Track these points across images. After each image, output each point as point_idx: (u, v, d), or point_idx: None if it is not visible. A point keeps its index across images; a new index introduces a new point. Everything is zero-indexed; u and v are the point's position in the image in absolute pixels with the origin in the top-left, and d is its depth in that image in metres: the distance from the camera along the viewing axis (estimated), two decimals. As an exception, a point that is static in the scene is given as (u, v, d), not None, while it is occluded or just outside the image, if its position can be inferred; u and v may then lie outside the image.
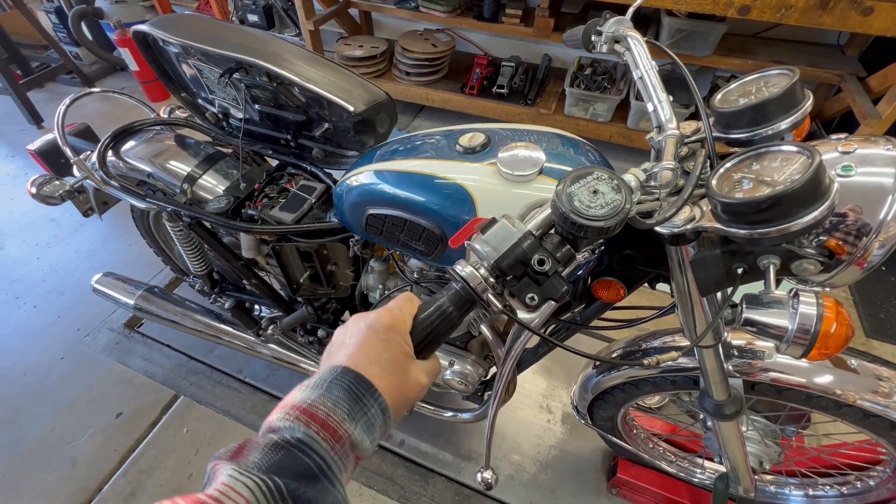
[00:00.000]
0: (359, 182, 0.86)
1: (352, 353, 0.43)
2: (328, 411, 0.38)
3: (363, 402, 0.40)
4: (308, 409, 0.38)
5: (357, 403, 0.40)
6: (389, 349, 0.44)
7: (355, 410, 0.39)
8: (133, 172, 1.17)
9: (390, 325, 0.45)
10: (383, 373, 0.42)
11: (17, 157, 2.63)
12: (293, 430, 0.37)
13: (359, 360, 0.42)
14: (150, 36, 1.08)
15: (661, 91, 0.68)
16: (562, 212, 0.42)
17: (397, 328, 0.45)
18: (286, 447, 0.36)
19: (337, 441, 0.38)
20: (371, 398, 0.40)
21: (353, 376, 0.41)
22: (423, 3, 2.52)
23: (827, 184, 0.46)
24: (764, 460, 1.04)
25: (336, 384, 0.40)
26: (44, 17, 3.25)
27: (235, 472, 0.33)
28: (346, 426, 0.38)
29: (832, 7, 1.54)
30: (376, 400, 0.41)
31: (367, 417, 0.40)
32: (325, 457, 0.36)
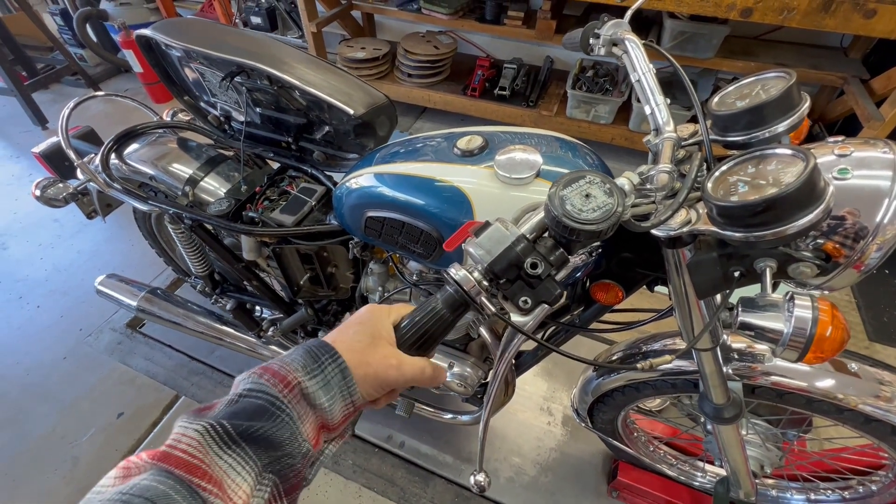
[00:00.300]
0: (358, 185, 0.87)
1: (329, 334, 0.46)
2: (282, 365, 0.40)
3: (320, 359, 0.42)
4: (265, 366, 0.41)
5: (314, 360, 0.41)
6: (361, 326, 0.46)
7: (309, 365, 0.41)
8: (136, 175, 1.17)
9: (369, 310, 0.48)
10: (349, 341, 0.44)
11: (21, 158, 2.65)
12: (247, 382, 0.40)
13: (330, 335, 0.46)
14: (153, 40, 1.08)
15: (658, 94, 0.69)
16: (554, 215, 0.42)
17: (376, 314, 0.48)
18: (240, 397, 0.39)
19: (286, 386, 0.39)
20: (328, 357, 0.42)
21: (317, 342, 0.43)
22: (425, 6, 2.53)
23: (822, 187, 0.46)
24: (765, 464, 1.04)
25: (299, 348, 0.43)
26: (49, 20, 3.28)
27: (186, 421, 0.36)
28: (297, 374, 0.40)
29: (835, 9, 1.54)
30: (333, 358, 0.42)
31: (324, 374, 0.41)
32: (274, 395, 0.38)
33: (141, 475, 0.33)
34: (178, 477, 0.32)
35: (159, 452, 0.34)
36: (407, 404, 1.27)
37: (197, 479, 0.33)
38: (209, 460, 0.34)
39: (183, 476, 0.33)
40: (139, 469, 0.34)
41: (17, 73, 2.81)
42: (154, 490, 0.31)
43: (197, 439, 0.34)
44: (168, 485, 0.32)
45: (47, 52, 3.21)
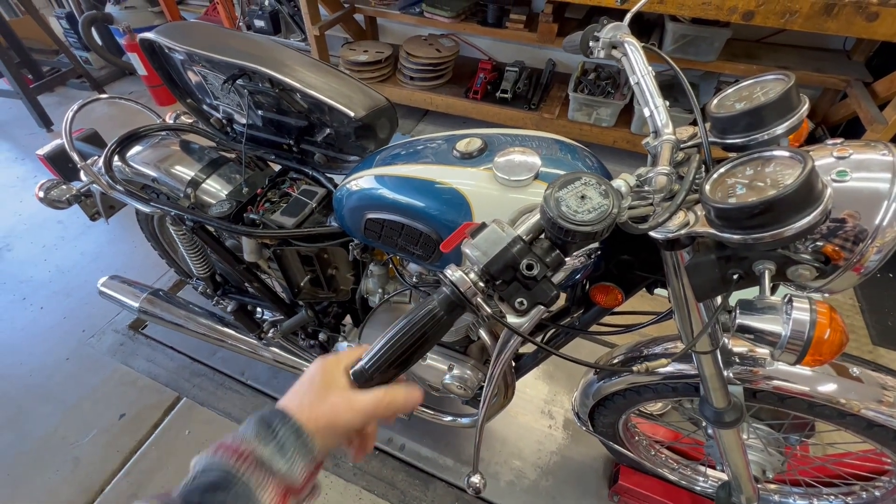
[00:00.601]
0: (358, 186, 0.87)
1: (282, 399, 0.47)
2: (235, 438, 0.41)
3: (271, 425, 0.42)
4: (219, 443, 0.41)
5: (265, 428, 0.42)
6: (310, 384, 0.47)
7: (262, 433, 0.42)
8: (138, 177, 1.18)
9: (316, 367, 0.49)
10: (298, 400, 0.45)
11: (26, 159, 2.68)
12: (202, 461, 0.40)
13: (282, 400, 0.46)
14: (156, 43, 1.09)
15: (657, 96, 0.69)
16: (549, 217, 0.42)
17: (323, 367, 0.48)
18: (195, 477, 0.39)
19: (240, 457, 0.40)
20: (279, 421, 0.43)
21: (268, 409, 0.44)
22: (427, 9, 2.54)
23: (820, 189, 0.46)
24: (767, 469, 1.03)
25: (252, 419, 0.43)
26: (55, 23, 3.31)
27: None
28: (250, 444, 0.41)
29: (837, 12, 1.54)
30: (284, 421, 0.43)
31: (277, 439, 0.42)
32: (228, 467, 0.39)
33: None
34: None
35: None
36: (407, 406, 1.27)
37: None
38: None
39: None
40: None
41: (23, 76, 2.84)
42: None
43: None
44: None
45: (53, 56, 3.24)
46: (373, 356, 0.45)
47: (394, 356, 0.44)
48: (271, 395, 1.59)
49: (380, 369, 0.44)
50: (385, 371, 0.44)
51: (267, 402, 1.58)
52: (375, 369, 0.44)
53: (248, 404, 1.57)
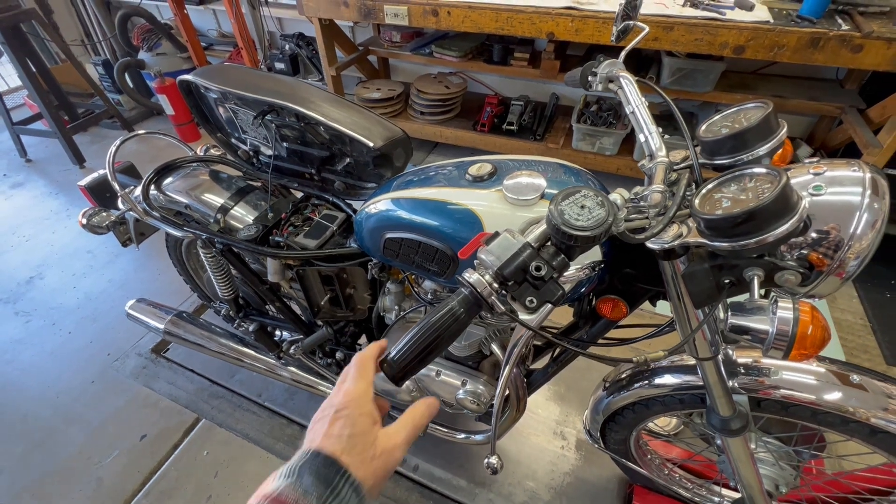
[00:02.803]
0: (377, 209, 0.95)
1: (321, 435, 0.45)
2: (297, 499, 0.39)
3: (334, 484, 0.40)
4: (278, 498, 0.39)
5: (327, 487, 0.40)
6: (352, 423, 0.45)
7: (325, 495, 0.40)
8: (172, 204, 1.28)
9: (350, 401, 0.47)
10: (351, 450, 0.43)
11: (60, 194, 2.83)
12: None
13: (325, 441, 0.44)
14: (193, 84, 1.21)
15: (651, 124, 0.76)
16: (554, 224, 0.48)
17: (357, 402, 0.47)
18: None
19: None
20: (342, 480, 0.41)
21: (321, 459, 0.42)
22: (436, 50, 2.70)
23: (795, 200, 0.52)
24: (780, 484, 1.03)
25: (305, 469, 0.41)
26: (91, 69, 3.57)
27: None
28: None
29: (823, 45, 1.63)
30: (347, 481, 0.41)
31: (339, 500, 0.40)
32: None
33: None
34: None
35: None
36: (421, 424, 1.30)
37: None
38: None
39: None
40: None
41: (61, 117, 3.04)
42: None
43: None
44: None
45: (88, 98, 3.47)
46: (401, 349, 0.50)
47: (418, 349, 0.49)
48: (288, 417, 1.62)
49: (406, 360, 0.49)
50: (410, 363, 0.50)
51: (283, 423, 1.61)
52: (402, 361, 0.49)
53: (265, 425, 1.60)
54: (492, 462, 0.92)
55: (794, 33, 1.66)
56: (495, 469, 0.91)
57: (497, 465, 0.91)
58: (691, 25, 1.79)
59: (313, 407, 1.64)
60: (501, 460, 0.92)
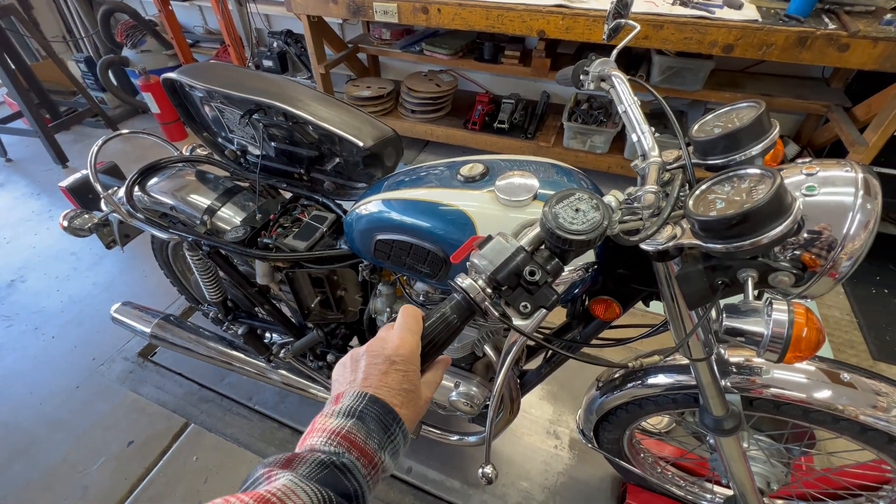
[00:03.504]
0: (368, 210, 0.93)
1: (377, 384, 0.48)
2: (365, 439, 0.44)
3: (391, 431, 0.45)
4: (347, 436, 0.43)
5: (386, 433, 0.45)
6: (408, 380, 0.49)
7: (384, 440, 0.45)
8: (157, 206, 1.25)
9: (407, 356, 0.50)
10: (404, 402, 0.48)
11: (42, 195, 2.76)
12: (339, 454, 0.42)
13: (383, 391, 0.47)
14: (177, 82, 1.18)
15: (643, 123, 0.75)
16: (548, 228, 0.47)
17: (412, 358, 0.50)
18: (332, 467, 0.41)
19: (373, 468, 0.43)
20: (397, 428, 0.46)
21: (381, 406, 0.46)
22: (427, 47, 2.68)
23: (790, 201, 0.52)
24: (771, 481, 1.04)
25: (367, 414, 0.45)
26: (73, 66, 3.48)
27: (295, 478, 0.38)
28: (380, 455, 0.44)
29: (810, 44, 1.64)
30: (401, 429, 0.46)
31: (394, 444, 0.46)
32: (361, 483, 0.42)
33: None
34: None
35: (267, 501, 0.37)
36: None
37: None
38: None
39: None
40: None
41: (42, 115, 2.97)
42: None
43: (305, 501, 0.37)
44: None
45: (70, 96, 3.39)
46: None
47: None
48: (279, 420, 1.60)
49: None
50: None
51: (274, 427, 1.58)
52: None
53: (255, 429, 1.58)
54: (486, 472, 0.91)
55: (782, 32, 1.67)
56: (490, 479, 0.90)
57: (492, 474, 0.90)
58: (681, 24, 1.79)
59: (305, 410, 1.60)
60: (496, 469, 0.90)
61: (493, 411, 0.85)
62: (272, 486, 0.37)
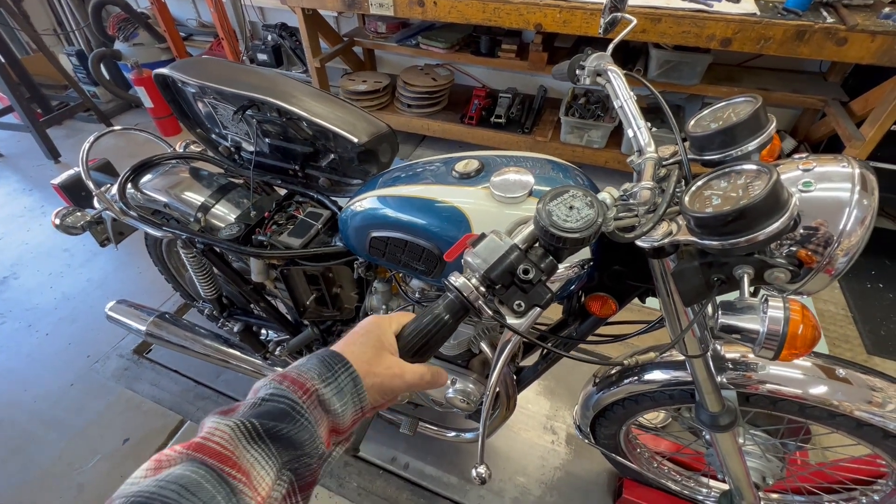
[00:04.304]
0: (363, 207, 0.92)
1: (336, 344, 0.50)
2: (299, 373, 0.44)
3: (333, 368, 0.45)
4: (283, 374, 0.44)
5: (328, 369, 0.45)
6: (366, 337, 0.50)
7: (324, 374, 0.45)
8: (150, 203, 1.23)
9: (373, 322, 0.52)
10: (357, 351, 0.48)
11: (34, 190, 2.74)
12: (268, 387, 0.43)
13: (338, 345, 0.49)
14: (169, 78, 1.16)
15: (639, 118, 0.74)
16: (542, 226, 0.47)
17: (379, 325, 0.51)
18: (262, 401, 0.42)
19: (305, 392, 0.43)
20: (341, 366, 0.46)
21: (329, 351, 0.47)
22: (423, 41, 2.66)
23: (786, 197, 0.51)
24: (766, 475, 1.04)
25: (313, 357, 0.47)
26: (65, 60, 3.44)
27: (216, 418, 0.40)
28: (313, 382, 0.44)
29: (808, 38, 1.64)
30: (346, 368, 0.46)
31: (337, 382, 0.45)
32: (294, 400, 0.42)
33: (173, 466, 0.35)
34: (210, 466, 0.35)
35: (193, 444, 0.37)
36: (411, 422, 1.29)
37: (228, 469, 0.36)
38: (239, 453, 0.37)
39: (215, 465, 0.36)
40: (171, 461, 0.36)
41: (33, 110, 2.93)
42: (187, 478, 0.34)
43: (229, 434, 0.38)
44: (200, 474, 0.35)
45: (62, 90, 3.36)
46: None
47: (404, 356, 0.48)
48: (275, 417, 1.60)
49: None
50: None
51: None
52: None
53: (252, 426, 1.57)
54: (480, 472, 0.91)
55: (781, 26, 1.66)
56: (483, 479, 0.90)
57: (485, 474, 0.90)
58: (679, 17, 1.78)
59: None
60: (489, 469, 0.90)
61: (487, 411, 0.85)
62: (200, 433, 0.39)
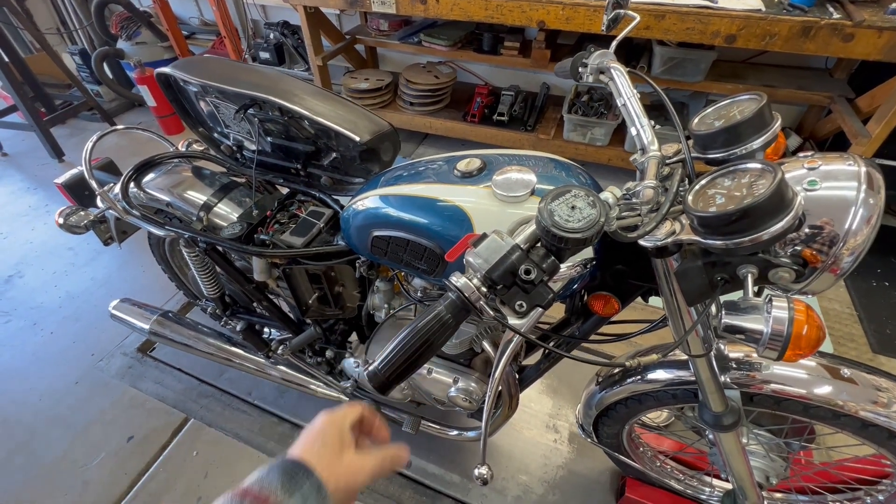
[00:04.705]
0: (364, 206, 0.92)
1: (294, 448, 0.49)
2: (261, 487, 0.43)
3: (295, 478, 0.44)
4: (245, 489, 0.43)
5: (290, 479, 0.44)
6: (324, 437, 0.49)
7: (286, 484, 0.43)
8: (153, 202, 1.24)
9: (328, 420, 0.51)
10: (318, 457, 0.47)
11: (38, 189, 2.75)
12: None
13: (297, 449, 0.48)
14: (172, 77, 1.16)
15: (643, 116, 0.74)
16: (544, 226, 0.47)
17: (334, 422, 0.51)
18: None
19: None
20: (303, 474, 0.45)
21: (290, 461, 0.46)
22: (425, 38, 2.65)
23: (791, 196, 0.51)
24: (770, 475, 1.04)
25: (275, 468, 0.45)
26: (68, 59, 3.45)
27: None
28: (276, 496, 0.42)
29: (814, 34, 1.62)
30: (307, 476, 0.45)
31: (301, 492, 0.43)
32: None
33: None
34: None
35: None
36: (413, 421, 1.29)
37: None
38: None
39: None
40: None
41: (37, 109, 2.94)
42: None
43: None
44: None
45: (65, 89, 3.36)
46: (385, 359, 0.48)
47: (403, 358, 0.48)
48: (278, 415, 1.61)
49: (391, 369, 0.48)
50: (395, 371, 0.48)
51: (274, 421, 1.59)
52: (388, 370, 0.48)
53: (255, 424, 1.58)
54: (482, 472, 0.91)
55: (786, 22, 1.64)
56: (485, 480, 0.90)
57: (487, 475, 0.90)
58: (683, 13, 1.76)
59: (304, 405, 1.61)
60: (491, 470, 0.91)
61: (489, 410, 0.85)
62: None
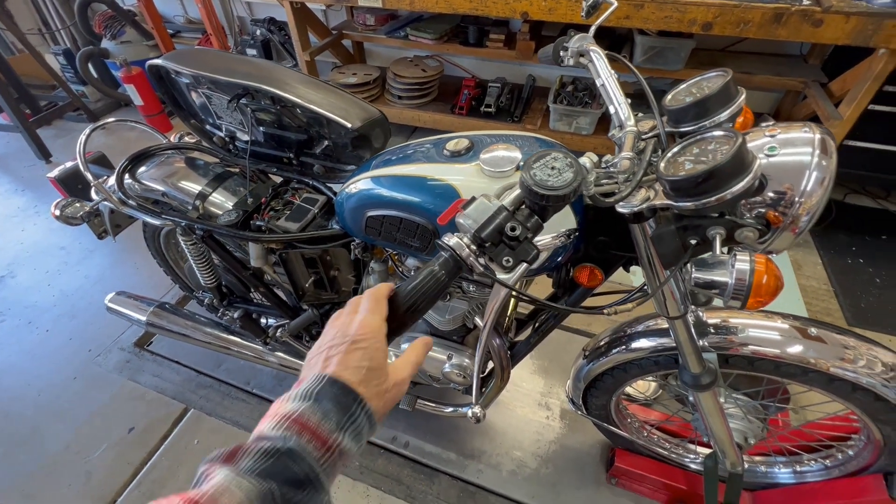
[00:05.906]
0: (358, 188, 0.96)
1: (336, 364, 0.46)
2: (318, 422, 0.41)
3: (351, 411, 0.43)
4: (299, 419, 0.41)
5: (345, 414, 0.42)
6: (369, 356, 0.47)
7: (343, 421, 0.42)
8: (148, 193, 1.26)
9: (370, 334, 0.49)
10: (367, 381, 0.45)
11: (26, 190, 2.73)
12: (285, 439, 0.40)
13: (342, 370, 0.45)
14: (163, 69, 1.19)
15: (620, 95, 0.79)
16: (527, 185, 0.51)
17: (375, 336, 0.49)
18: (277, 454, 0.38)
19: (327, 451, 0.41)
20: (358, 408, 0.43)
21: (340, 387, 0.44)
22: (411, 32, 2.68)
23: (750, 159, 0.56)
24: (749, 436, 1.10)
25: (324, 395, 0.43)
26: (52, 59, 3.41)
27: (231, 473, 0.36)
28: (336, 436, 0.41)
29: (786, 20, 1.68)
30: (363, 409, 0.44)
31: (355, 426, 0.43)
32: (313, 466, 0.39)
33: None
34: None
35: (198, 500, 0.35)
36: (410, 399, 1.33)
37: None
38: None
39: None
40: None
41: (22, 110, 2.92)
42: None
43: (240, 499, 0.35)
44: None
45: (50, 90, 3.34)
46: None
47: (400, 314, 0.52)
48: (277, 402, 1.64)
49: (389, 326, 0.52)
50: (392, 328, 0.52)
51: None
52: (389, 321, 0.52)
53: (254, 412, 1.61)
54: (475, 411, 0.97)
55: (759, 9, 1.70)
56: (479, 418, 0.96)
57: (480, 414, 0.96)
58: (661, 2, 1.81)
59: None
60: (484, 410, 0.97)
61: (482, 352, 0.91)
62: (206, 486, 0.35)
